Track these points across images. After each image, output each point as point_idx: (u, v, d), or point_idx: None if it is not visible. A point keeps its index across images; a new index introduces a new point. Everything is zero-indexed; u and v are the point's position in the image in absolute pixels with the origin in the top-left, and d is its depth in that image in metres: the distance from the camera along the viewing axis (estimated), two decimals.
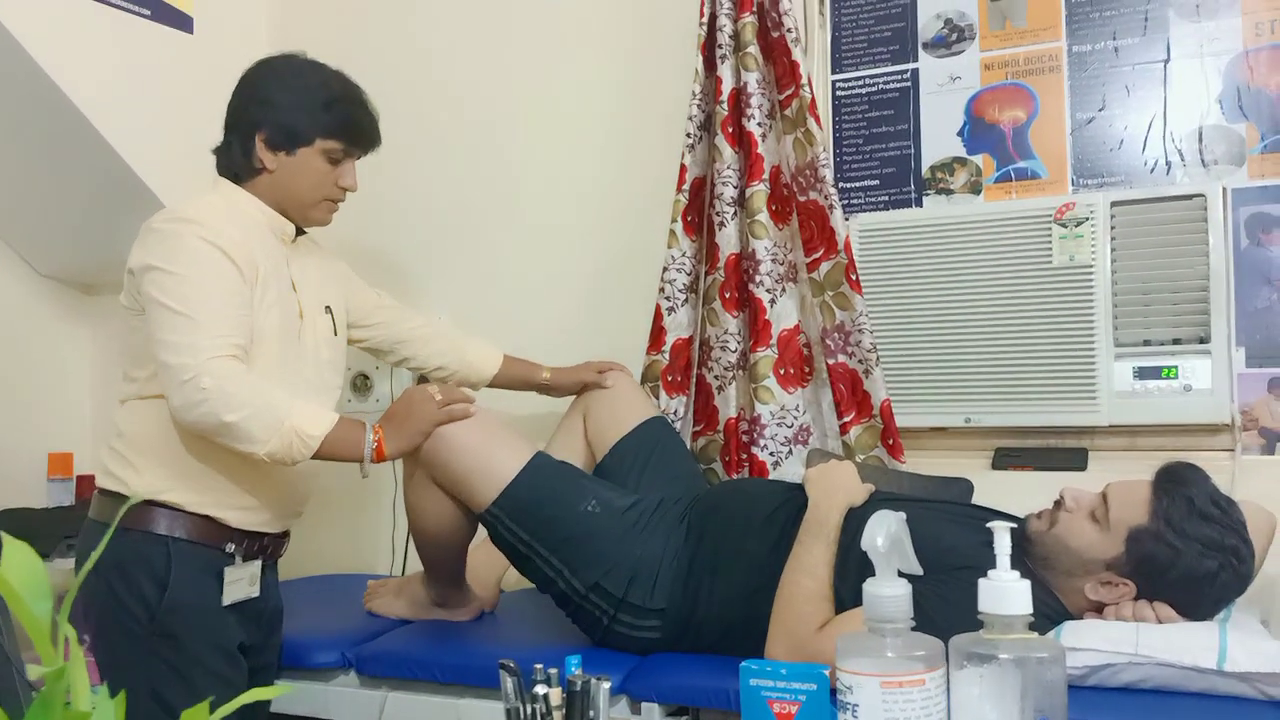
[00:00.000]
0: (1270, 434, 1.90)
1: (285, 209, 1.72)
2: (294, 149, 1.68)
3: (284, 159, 1.68)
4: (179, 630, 1.57)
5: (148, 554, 1.58)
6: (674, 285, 2.15)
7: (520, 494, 1.68)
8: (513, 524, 1.68)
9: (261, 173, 1.68)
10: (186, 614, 1.58)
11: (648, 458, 1.92)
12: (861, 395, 2.03)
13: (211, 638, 1.61)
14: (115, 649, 1.58)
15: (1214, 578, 1.41)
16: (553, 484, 1.72)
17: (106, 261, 2.67)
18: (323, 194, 1.72)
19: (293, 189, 1.70)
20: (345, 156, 1.72)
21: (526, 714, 0.98)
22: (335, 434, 1.56)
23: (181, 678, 1.56)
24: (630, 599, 1.65)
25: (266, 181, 1.69)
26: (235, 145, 1.69)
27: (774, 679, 0.90)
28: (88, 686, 0.48)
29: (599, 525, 1.69)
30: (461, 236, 2.55)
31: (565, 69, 2.46)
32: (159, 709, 1.52)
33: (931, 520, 1.53)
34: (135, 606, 1.57)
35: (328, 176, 1.71)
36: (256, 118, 1.67)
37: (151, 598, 1.57)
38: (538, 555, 1.68)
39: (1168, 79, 1.99)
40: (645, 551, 1.68)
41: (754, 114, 2.08)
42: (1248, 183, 1.92)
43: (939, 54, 2.16)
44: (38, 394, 2.70)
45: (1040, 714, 0.80)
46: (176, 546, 1.59)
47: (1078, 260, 1.96)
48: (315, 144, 1.68)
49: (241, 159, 1.68)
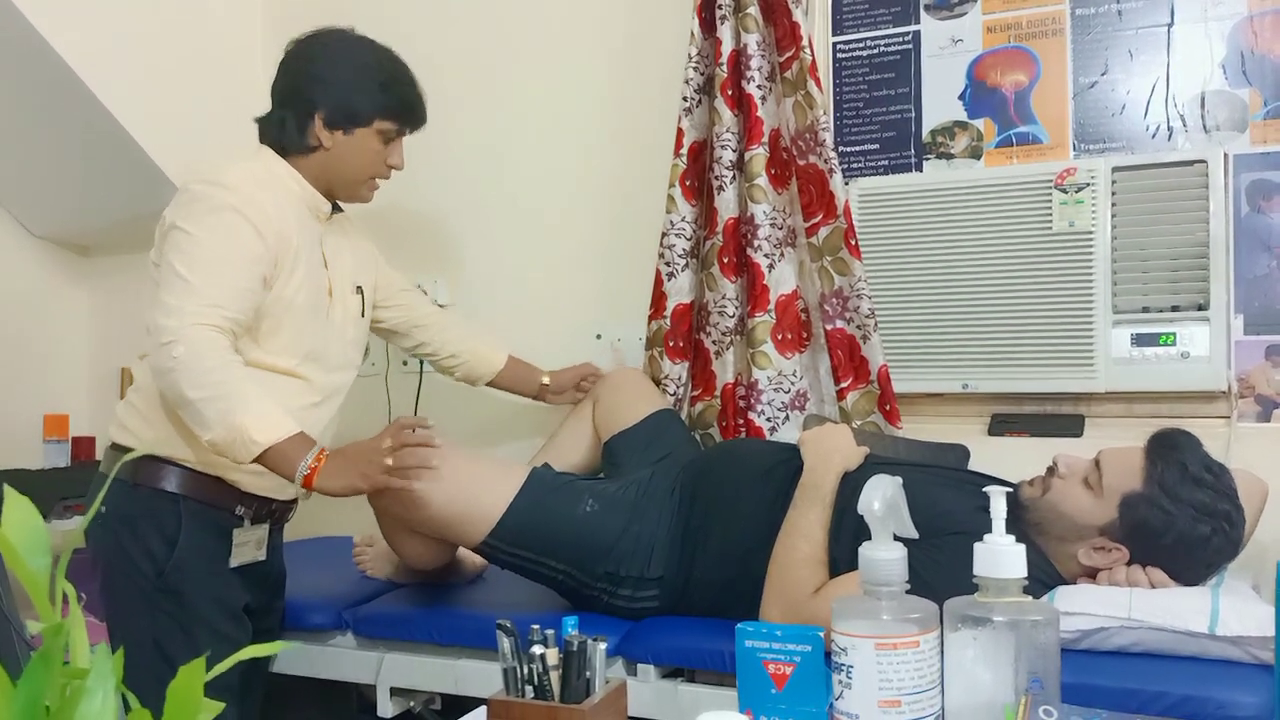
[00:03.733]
0: (1266, 401, 1.90)
1: (332, 186, 1.72)
2: (351, 129, 1.68)
3: (340, 138, 1.68)
4: (185, 588, 1.59)
5: (158, 511, 1.59)
6: (674, 250, 2.14)
7: (513, 521, 1.66)
8: (513, 548, 1.68)
9: (316, 150, 1.68)
10: (193, 572, 1.60)
11: (651, 445, 1.92)
12: (859, 361, 2.02)
13: (217, 597, 1.62)
14: (121, 601, 1.60)
15: (1206, 543, 1.42)
16: (545, 501, 1.69)
17: (101, 223, 2.66)
18: (372, 172, 1.73)
19: (345, 168, 1.70)
20: (397, 135, 1.73)
21: (523, 674, 0.99)
22: (279, 448, 1.45)
23: (185, 633, 1.58)
24: (629, 573, 1.66)
25: (319, 159, 1.69)
26: (289, 121, 1.68)
27: (769, 640, 0.91)
28: (86, 643, 0.49)
29: (600, 521, 1.69)
30: (459, 204, 2.53)
31: (561, 34, 2.43)
32: (161, 662, 1.53)
33: (927, 485, 1.54)
34: (143, 561, 1.58)
35: (379, 155, 1.72)
36: (314, 96, 1.66)
37: (160, 554, 1.58)
38: (545, 567, 1.69)
39: (1171, 43, 1.97)
40: (643, 527, 1.69)
41: (754, 76, 2.06)
42: (1249, 149, 1.91)
43: (941, 16, 2.14)
44: (33, 356, 2.69)
45: (1033, 676, 0.80)
46: (187, 505, 1.59)
47: (1078, 226, 1.95)
48: (373, 124, 1.69)
49: (295, 135, 1.67)
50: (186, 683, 0.47)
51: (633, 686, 1.45)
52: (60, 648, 0.45)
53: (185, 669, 0.47)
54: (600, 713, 0.96)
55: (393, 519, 1.71)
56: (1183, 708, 1.21)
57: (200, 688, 0.47)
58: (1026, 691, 0.79)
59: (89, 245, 2.81)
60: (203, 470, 1.60)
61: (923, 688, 0.81)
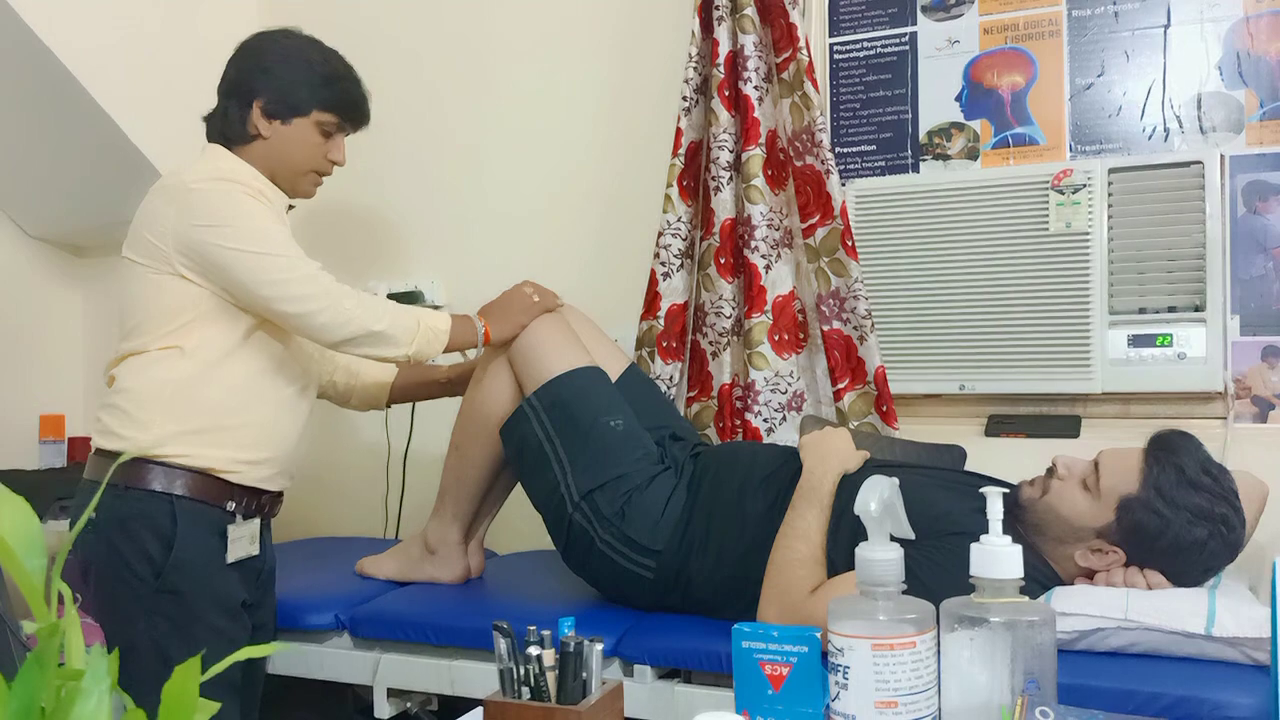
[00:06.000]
0: (1263, 402, 1.90)
1: (275, 178, 1.74)
2: (289, 118, 1.71)
3: (278, 128, 1.71)
4: (184, 587, 1.58)
5: (151, 511, 1.58)
6: (669, 250, 2.14)
7: (560, 389, 1.75)
8: (545, 416, 1.73)
9: (255, 140, 1.71)
10: (191, 571, 1.59)
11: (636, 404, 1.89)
12: (856, 362, 2.02)
13: (215, 595, 1.62)
14: (118, 607, 1.59)
15: (1203, 546, 1.42)
16: (590, 390, 1.76)
17: (97, 223, 2.65)
18: (312, 165, 1.76)
19: (284, 158, 1.73)
20: (337, 131, 1.76)
21: (520, 675, 0.99)
22: (456, 327, 1.72)
23: (185, 635, 1.57)
24: (628, 531, 1.65)
25: (260, 149, 1.72)
26: (231, 111, 1.71)
27: (766, 641, 0.91)
28: (82, 644, 0.48)
29: (613, 440, 1.71)
30: (455, 204, 2.53)
31: (560, 31, 2.43)
32: (162, 665, 1.51)
33: (924, 486, 1.54)
34: (139, 564, 1.57)
35: (319, 149, 1.75)
36: (256, 86, 1.70)
37: (156, 555, 1.57)
38: (553, 454, 1.71)
39: (1167, 45, 1.97)
40: (650, 490, 1.69)
41: (750, 77, 2.07)
42: (1245, 150, 1.91)
43: (938, 17, 2.14)
44: (28, 356, 2.69)
45: (1029, 677, 0.80)
46: (180, 504, 1.59)
47: (1074, 227, 1.95)
48: (311, 115, 1.72)
49: (237, 125, 1.71)
50: (182, 682, 0.47)
51: (629, 687, 1.45)
52: (55, 648, 0.45)
53: (181, 668, 0.47)
54: (597, 714, 0.96)
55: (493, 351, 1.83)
56: (1179, 709, 1.21)
57: (196, 687, 0.47)
58: (1023, 692, 0.79)
59: (84, 246, 2.81)
60: (195, 466, 1.60)
61: (919, 688, 0.81)
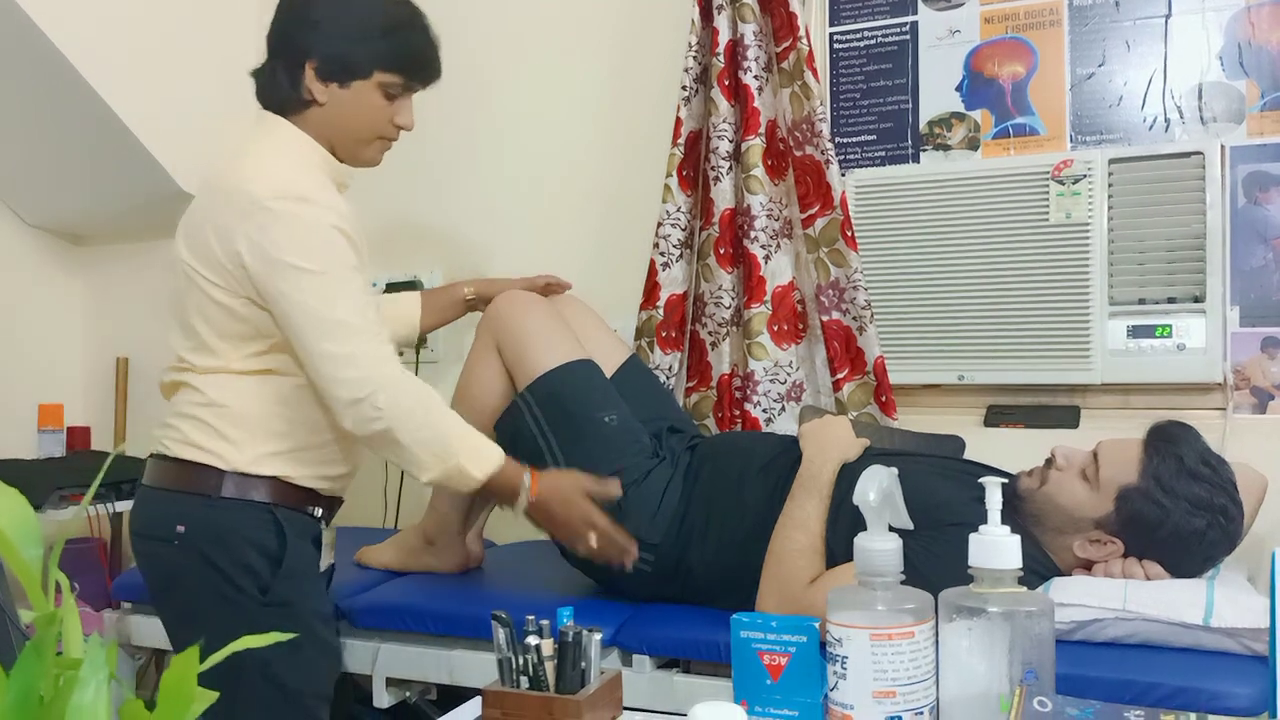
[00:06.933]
0: (1262, 393, 1.90)
1: (334, 146, 1.55)
2: (347, 81, 1.51)
3: (335, 91, 1.51)
4: (294, 598, 1.50)
5: (251, 522, 1.48)
6: (669, 240, 2.13)
7: (553, 384, 1.72)
8: (538, 410, 1.72)
9: (310, 105, 1.51)
10: (299, 581, 1.52)
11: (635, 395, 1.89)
12: (855, 352, 2.02)
13: (317, 604, 1.57)
14: (214, 625, 1.42)
15: (1202, 536, 1.42)
16: (583, 386, 1.75)
17: (96, 212, 2.65)
18: (377, 132, 1.56)
19: (344, 125, 1.53)
20: (404, 91, 1.56)
21: (518, 665, 0.99)
22: (500, 476, 1.51)
23: (293, 648, 1.49)
24: (626, 525, 1.64)
25: (316, 116, 1.52)
26: (280, 73, 1.51)
27: (764, 631, 0.91)
28: (80, 633, 0.48)
29: (608, 435, 1.71)
30: (454, 194, 2.52)
31: (560, 20, 2.42)
32: (269, 685, 1.45)
33: (924, 476, 1.54)
34: (240, 577, 1.47)
35: (383, 113, 1.54)
36: (305, 43, 1.49)
37: (260, 567, 1.48)
38: (547, 449, 1.69)
39: (1168, 34, 1.97)
40: (647, 483, 1.69)
41: (750, 66, 2.06)
42: (1246, 140, 1.91)
43: (938, 6, 2.13)
44: (27, 346, 2.69)
45: (1028, 667, 0.80)
46: (283, 514, 1.50)
47: (1074, 218, 1.95)
48: (372, 77, 1.51)
49: (288, 89, 1.51)
50: (180, 671, 0.47)
51: (628, 677, 1.44)
52: (53, 637, 0.45)
53: (178, 659, 0.47)
54: (595, 703, 0.96)
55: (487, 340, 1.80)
56: (1177, 699, 1.21)
57: (195, 676, 0.47)
58: (1021, 682, 0.79)
59: (83, 234, 2.80)
60: (284, 478, 1.51)
61: (917, 678, 0.81)
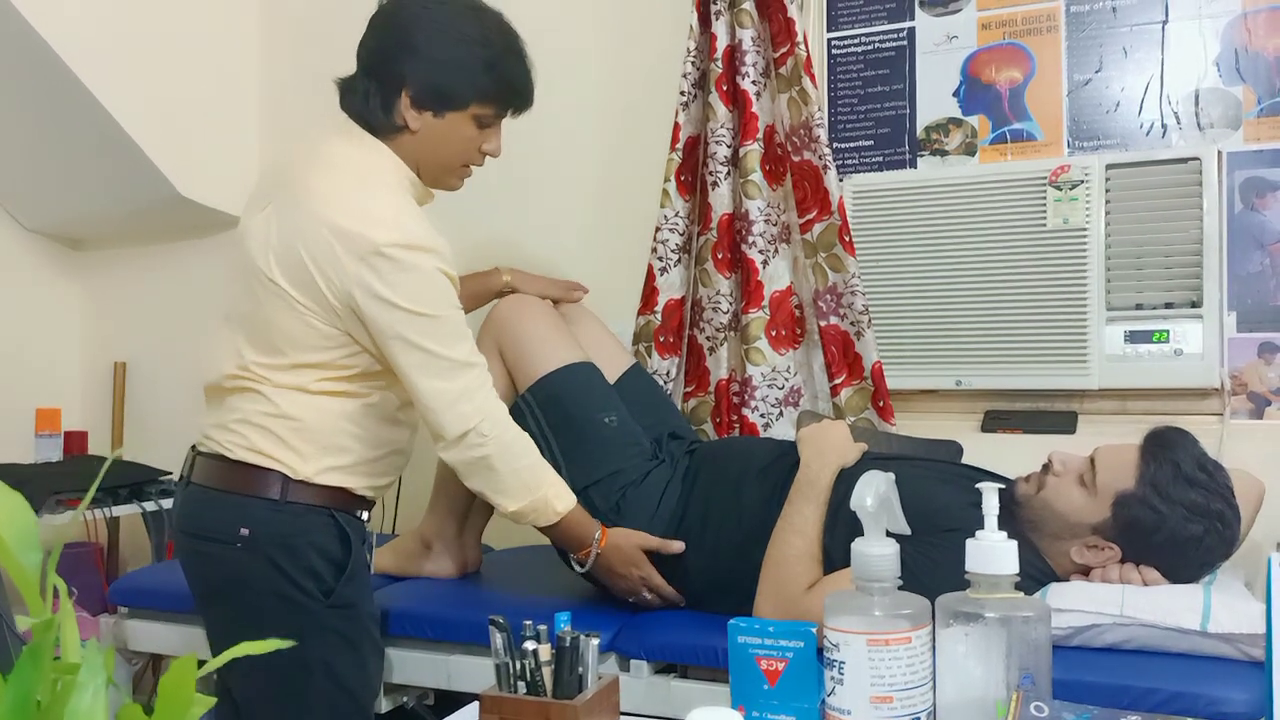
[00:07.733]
0: (1259, 398, 1.90)
1: (419, 171, 1.54)
2: (443, 111, 1.49)
3: (429, 120, 1.49)
4: (357, 599, 1.51)
5: (314, 526, 1.48)
6: (666, 245, 2.14)
7: (553, 386, 1.74)
8: (539, 412, 1.73)
9: (403, 131, 1.50)
10: (361, 583, 1.53)
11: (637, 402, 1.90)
12: (853, 357, 2.03)
13: (370, 606, 1.58)
14: (281, 627, 1.43)
15: (1198, 542, 1.42)
16: (583, 388, 1.77)
17: (94, 216, 2.65)
18: (463, 160, 1.56)
19: (434, 152, 1.52)
20: (494, 120, 1.55)
21: (516, 669, 0.99)
22: (570, 518, 1.56)
23: (353, 648, 1.51)
24: (624, 525, 1.65)
25: (406, 142, 1.51)
26: (374, 96, 1.49)
27: (762, 636, 0.91)
28: (77, 639, 0.48)
29: (607, 437, 1.72)
30: (449, 197, 2.51)
31: (558, 25, 2.42)
32: (332, 686, 1.47)
33: (921, 481, 1.54)
34: (305, 581, 1.46)
35: (473, 141, 1.54)
36: (403, 69, 1.47)
37: (323, 570, 1.48)
38: (548, 450, 1.69)
39: (1165, 40, 1.97)
40: (645, 484, 1.70)
41: (748, 72, 2.06)
42: (1243, 146, 1.91)
43: (936, 12, 2.14)
44: (25, 349, 2.69)
45: (1025, 672, 0.80)
46: (344, 518, 1.51)
47: (1072, 223, 1.95)
48: (469, 109, 1.50)
49: (380, 113, 1.49)
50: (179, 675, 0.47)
51: (625, 682, 1.44)
52: (50, 643, 0.45)
53: (178, 662, 0.47)
54: (592, 708, 0.96)
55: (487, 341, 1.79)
56: (1174, 704, 1.21)
57: (194, 680, 0.47)
58: (1018, 687, 0.79)
59: (81, 238, 2.81)
60: (340, 486, 1.51)
61: (915, 683, 0.81)
